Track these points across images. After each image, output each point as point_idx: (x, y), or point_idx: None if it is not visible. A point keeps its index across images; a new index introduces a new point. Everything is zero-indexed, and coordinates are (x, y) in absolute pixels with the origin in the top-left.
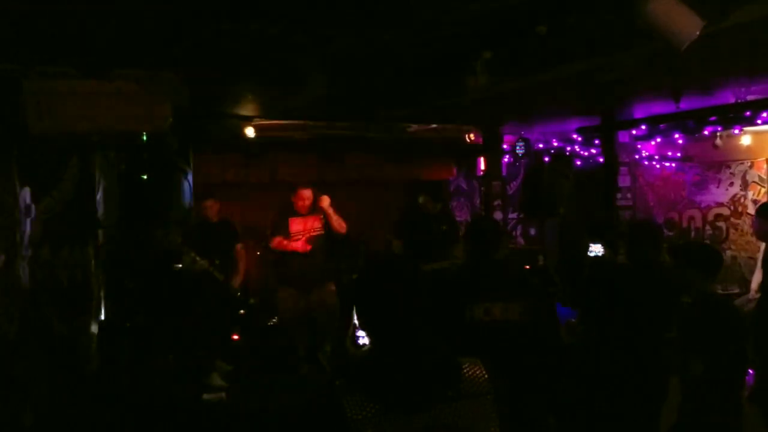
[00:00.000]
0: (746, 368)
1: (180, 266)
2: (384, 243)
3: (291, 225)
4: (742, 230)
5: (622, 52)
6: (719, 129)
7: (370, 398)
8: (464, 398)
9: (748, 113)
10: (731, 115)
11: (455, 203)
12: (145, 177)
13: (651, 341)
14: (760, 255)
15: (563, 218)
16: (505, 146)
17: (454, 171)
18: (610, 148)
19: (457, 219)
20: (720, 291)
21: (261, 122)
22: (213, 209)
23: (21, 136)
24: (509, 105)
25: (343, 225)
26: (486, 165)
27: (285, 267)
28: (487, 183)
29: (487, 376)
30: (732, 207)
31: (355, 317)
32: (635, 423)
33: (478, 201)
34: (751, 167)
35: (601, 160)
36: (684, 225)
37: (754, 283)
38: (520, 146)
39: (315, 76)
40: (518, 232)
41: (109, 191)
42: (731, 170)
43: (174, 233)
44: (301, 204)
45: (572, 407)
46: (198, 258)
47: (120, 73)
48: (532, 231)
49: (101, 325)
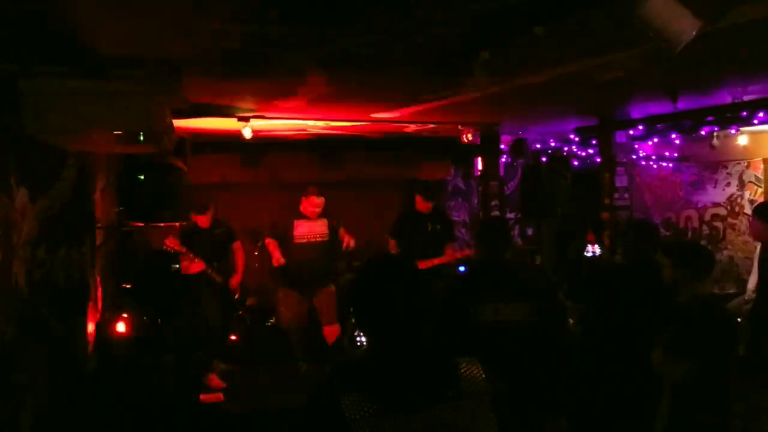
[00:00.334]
0: (735, 372)
1: (177, 266)
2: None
3: (296, 228)
4: (739, 230)
5: (620, 53)
6: (716, 129)
7: (368, 398)
8: (464, 398)
9: (745, 113)
10: (728, 116)
11: (453, 203)
12: (142, 177)
13: (650, 341)
14: (757, 255)
15: (560, 218)
16: (503, 146)
17: (452, 171)
18: (608, 148)
19: (455, 219)
20: (717, 291)
21: (259, 122)
22: (201, 220)
23: (17, 136)
24: (507, 105)
25: (353, 243)
26: (483, 165)
27: (285, 268)
28: (485, 183)
29: (485, 375)
30: (729, 207)
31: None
32: (635, 423)
33: (476, 201)
34: (748, 167)
35: (599, 160)
36: (681, 225)
37: (751, 284)
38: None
39: (313, 76)
40: (516, 232)
41: (106, 191)
42: (728, 170)
43: (171, 234)
44: (312, 210)
45: (580, 407)
46: (195, 258)
47: (117, 73)
48: (530, 231)
49: (98, 326)
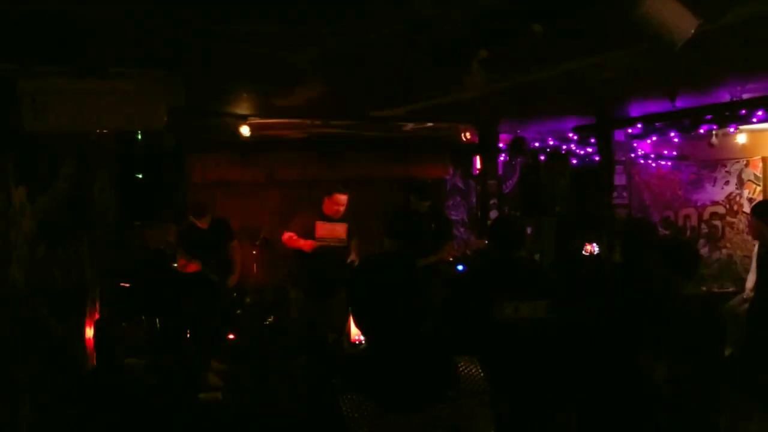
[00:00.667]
0: (720, 372)
1: (175, 266)
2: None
3: (318, 229)
4: (738, 229)
5: (618, 51)
6: (715, 127)
7: (367, 397)
8: (463, 397)
9: (744, 112)
10: (727, 114)
11: (451, 202)
12: (141, 176)
13: (640, 340)
14: (755, 254)
15: (559, 217)
16: (501, 145)
17: (450, 170)
18: (606, 147)
19: (453, 218)
20: (716, 290)
21: (257, 121)
22: (199, 222)
23: (16, 135)
24: (505, 104)
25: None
26: (482, 164)
27: (298, 269)
28: (483, 182)
29: (483, 374)
30: (727, 205)
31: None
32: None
33: (475, 200)
34: (747, 166)
35: (597, 159)
36: (680, 223)
37: (749, 282)
38: None
39: (311, 75)
40: None
41: (105, 190)
42: (727, 169)
43: (169, 233)
44: (336, 209)
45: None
46: (192, 258)
47: (116, 72)
48: (528, 229)
49: (97, 326)
